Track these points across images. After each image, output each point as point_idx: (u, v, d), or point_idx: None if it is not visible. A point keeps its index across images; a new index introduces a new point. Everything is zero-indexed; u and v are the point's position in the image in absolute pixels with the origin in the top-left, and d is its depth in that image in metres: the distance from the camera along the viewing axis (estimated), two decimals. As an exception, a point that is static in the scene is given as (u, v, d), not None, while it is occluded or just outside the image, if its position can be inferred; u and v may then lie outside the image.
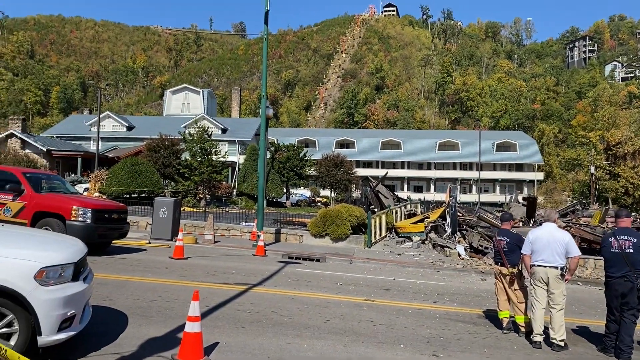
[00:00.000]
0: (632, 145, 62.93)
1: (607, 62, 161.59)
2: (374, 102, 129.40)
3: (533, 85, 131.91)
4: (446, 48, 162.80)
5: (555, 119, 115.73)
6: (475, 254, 18.71)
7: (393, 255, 18.31)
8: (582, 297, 12.67)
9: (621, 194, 61.20)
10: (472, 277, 14.82)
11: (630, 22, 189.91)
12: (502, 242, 8.52)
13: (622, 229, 7.48)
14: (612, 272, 7.33)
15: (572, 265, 7.62)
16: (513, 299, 8.31)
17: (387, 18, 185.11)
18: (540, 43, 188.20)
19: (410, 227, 22.52)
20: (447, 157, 76.50)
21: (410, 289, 12.05)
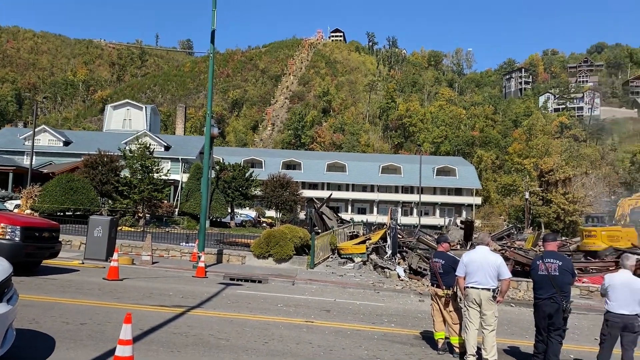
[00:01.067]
0: (563, 173, 66.42)
1: (541, 93, 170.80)
2: (320, 124, 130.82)
3: (472, 113, 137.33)
4: (391, 75, 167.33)
5: (493, 146, 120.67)
6: (414, 275, 19.07)
7: (335, 276, 18.38)
8: (514, 318, 13.12)
9: (553, 219, 64.21)
10: (410, 298, 15.08)
11: (562, 56, 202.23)
12: (438, 264, 8.75)
13: (549, 253, 7.84)
14: (540, 294, 7.66)
15: (503, 287, 7.90)
16: (448, 320, 8.51)
17: (335, 43, 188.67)
18: (479, 73, 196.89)
19: (353, 248, 22.73)
20: (389, 180, 78.03)
21: (350, 310, 12.12)
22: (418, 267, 19.63)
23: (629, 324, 7.18)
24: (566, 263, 7.68)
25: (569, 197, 63.76)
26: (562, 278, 7.52)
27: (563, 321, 7.49)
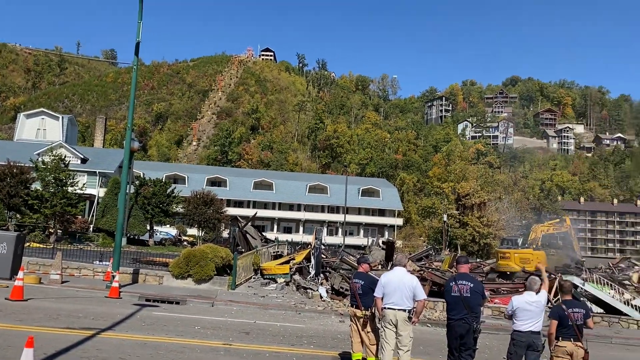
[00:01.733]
0: (478, 197, 69.76)
1: (459, 121, 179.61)
2: (248, 141, 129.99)
3: (396, 137, 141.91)
4: (320, 96, 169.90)
5: (415, 169, 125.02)
6: (336, 295, 19.20)
7: (257, 297, 18.15)
8: (430, 339, 13.51)
9: (469, 241, 67.08)
10: (331, 319, 15.15)
11: (480, 87, 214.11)
12: (358, 284, 8.86)
13: (461, 275, 8.17)
14: (453, 315, 7.93)
15: (418, 308, 8.12)
16: (365, 341, 8.61)
17: (265, 62, 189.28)
18: (403, 99, 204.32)
19: (276, 268, 22.57)
20: (316, 199, 78.62)
21: (270, 331, 11.99)
22: (340, 287, 19.80)
23: (532, 343, 7.60)
24: (477, 285, 8.03)
25: (484, 221, 66.93)
26: (473, 299, 7.84)
27: (473, 341, 7.80)
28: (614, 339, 17.49)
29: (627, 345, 16.55)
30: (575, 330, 7.61)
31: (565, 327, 7.63)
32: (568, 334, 7.61)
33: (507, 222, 74.64)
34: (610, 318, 21.95)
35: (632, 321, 21.77)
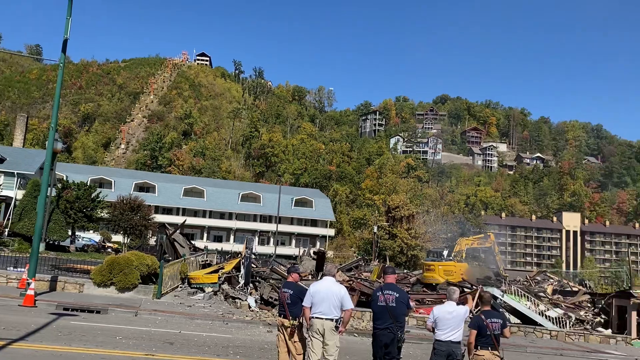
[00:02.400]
0: (407, 210, 71.72)
1: (392, 135, 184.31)
2: (180, 147, 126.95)
3: (331, 149, 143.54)
4: (255, 104, 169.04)
5: (348, 181, 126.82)
6: (265, 305, 19.07)
7: (183, 306, 17.69)
8: (356, 348, 13.68)
9: (397, 252, 68.70)
10: (259, 329, 15.02)
11: (412, 104, 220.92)
12: (286, 294, 8.84)
13: (388, 285, 8.35)
14: (378, 324, 8.08)
15: (345, 318, 8.21)
16: (292, 351, 8.59)
17: (200, 66, 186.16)
18: (339, 111, 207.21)
19: (204, 277, 22.12)
20: (248, 208, 77.88)
21: (196, 342, 11.71)
22: (270, 297, 19.69)
23: (452, 352, 7.88)
24: (403, 295, 8.23)
25: (412, 233, 68.83)
26: (398, 309, 8.03)
27: (397, 350, 7.98)
28: (528, 348, 18.46)
29: (540, 354, 17.50)
30: (493, 340, 7.96)
31: (483, 337, 7.96)
32: (486, 343, 7.95)
33: (434, 235, 77.17)
34: (526, 328, 23.17)
35: (545, 331, 23.09)
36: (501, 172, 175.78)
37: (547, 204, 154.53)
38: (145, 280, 19.62)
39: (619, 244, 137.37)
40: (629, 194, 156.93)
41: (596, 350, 20.03)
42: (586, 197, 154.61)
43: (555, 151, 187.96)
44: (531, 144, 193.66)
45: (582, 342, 22.28)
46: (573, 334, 23.27)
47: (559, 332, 23.04)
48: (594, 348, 20.67)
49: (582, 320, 26.91)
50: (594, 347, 20.91)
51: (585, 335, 23.27)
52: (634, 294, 25.45)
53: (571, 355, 17.91)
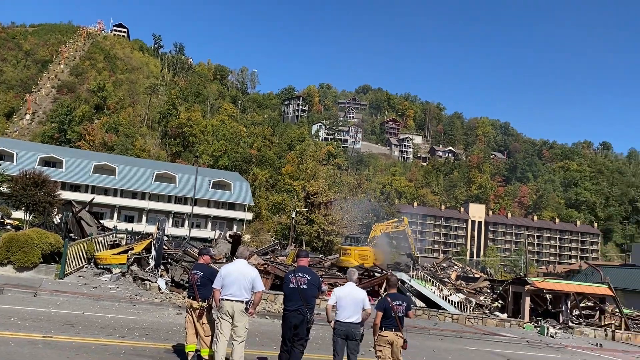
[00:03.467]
0: (326, 196, 72.61)
1: (314, 122, 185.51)
2: (91, 121, 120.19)
3: (252, 132, 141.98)
4: (175, 81, 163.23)
5: (268, 165, 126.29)
6: (176, 288, 18.68)
7: (88, 287, 16.92)
8: (267, 330, 13.77)
9: (314, 237, 69.51)
10: (168, 311, 14.70)
11: (335, 91, 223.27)
12: (196, 276, 8.72)
13: (300, 268, 8.45)
14: (289, 306, 8.17)
15: (256, 300, 8.24)
16: (200, 333, 8.51)
17: (117, 38, 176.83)
18: (262, 94, 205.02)
19: (112, 258, 21.26)
20: (163, 189, 75.50)
21: (99, 324, 11.26)
22: (181, 279, 19.31)
23: (351, 332, 8.12)
24: (314, 278, 8.38)
25: (329, 219, 69.85)
26: (309, 291, 8.16)
27: (306, 331, 8.12)
28: (431, 330, 19.45)
29: (442, 336, 18.51)
30: (397, 321, 8.30)
31: (388, 318, 8.28)
32: (390, 324, 8.27)
33: (350, 221, 78.81)
34: (430, 311, 24.39)
35: (447, 315, 24.42)
36: (415, 163, 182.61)
37: (455, 195, 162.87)
38: (48, 259, 18.55)
39: (519, 235, 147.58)
40: (530, 188, 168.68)
41: (492, 332, 21.48)
42: (491, 190, 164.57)
43: (466, 145, 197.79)
44: (444, 138, 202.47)
45: (481, 325, 23.80)
46: (473, 317, 24.78)
47: (460, 316, 24.45)
48: (490, 331, 22.16)
49: (481, 304, 28.73)
50: (490, 330, 22.42)
51: (484, 318, 24.86)
52: (528, 281, 27.47)
53: (469, 338, 19.07)
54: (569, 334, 24.32)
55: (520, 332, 23.20)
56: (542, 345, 19.56)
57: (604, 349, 20.63)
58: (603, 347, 21.21)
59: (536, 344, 19.68)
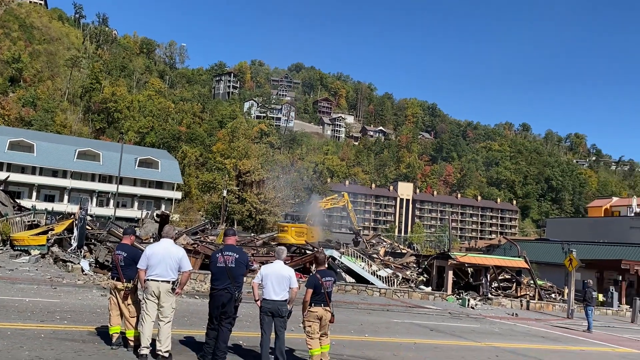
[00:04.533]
0: (258, 175, 72.17)
1: (246, 99, 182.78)
2: (6, 95, 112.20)
3: (181, 108, 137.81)
4: (98, 54, 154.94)
5: (199, 143, 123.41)
6: (100, 269, 18.05)
7: (3, 270, 16.00)
8: (196, 310, 13.62)
9: (246, 216, 69.12)
10: (92, 293, 14.21)
11: (267, 69, 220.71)
12: (120, 256, 8.45)
13: (227, 246, 8.37)
14: (217, 285, 8.10)
15: (182, 280, 8.10)
16: (125, 314, 8.29)
17: (33, 6, 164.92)
18: (191, 70, 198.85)
19: (30, 239, 20.19)
20: (86, 167, 72.14)
21: (16, 307, 10.70)
22: (105, 260, 18.66)
23: (278, 310, 8.20)
24: (242, 256, 8.34)
25: (261, 198, 69.62)
26: (237, 270, 8.13)
27: (234, 309, 8.11)
28: (360, 305, 20.00)
29: (370, 310, 19.07)
30: (326, 297, 8.45)
31: (318, 295, 8.42)
32: (320, 300, 8.42)
33: (283, 200, 78.92)
34: (359, 287, 25.03)
35: (376, 289, 25.17)
36: (347, 142, 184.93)
37: (385, 174, 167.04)
38: (-44, 242, 17.32)
39: (444, 212, 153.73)
40: (455, 167, 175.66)
41: (417, 305, 22.40)
42: (419, 169, 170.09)
43: (396, 125, 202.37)
44: (375, 118, 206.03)
45: (407, 299, 24.74)
46: (399, 291, 25.70)
47: (387, 290, 25.29)
48: (415, 303, 23.09)
49: (407, 279, 29.83)
50: (415, 303, 23.36)
51: (410, 292, 25.85)
52: (451, 256, 28.78)
53: (396, 311, 19.79)
54: (488, 305, 25.78)
55: (443, 304, 24.32)
56: (463, 316, 20.64)
57: (519, 318, 22.07)
58: (518, 317, 22.68)
59: (458, 315, 20.73)
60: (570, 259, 24.64)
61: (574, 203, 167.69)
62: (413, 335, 13.80)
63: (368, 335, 13.02)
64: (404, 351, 11.34)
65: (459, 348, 12.74)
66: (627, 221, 58.49)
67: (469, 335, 15.09)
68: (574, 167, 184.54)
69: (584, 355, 13.92)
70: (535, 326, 19.84)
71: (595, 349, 15.34)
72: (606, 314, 28.58)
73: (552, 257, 40.21)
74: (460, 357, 11.37)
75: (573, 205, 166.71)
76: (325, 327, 8.45)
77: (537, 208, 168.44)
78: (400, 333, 14.06)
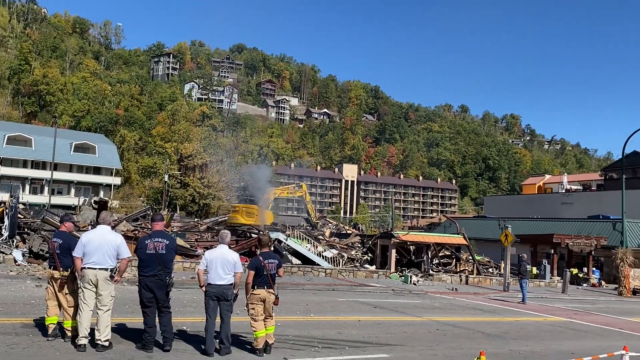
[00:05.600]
0: (200, 159, 70.91)
1: (187, 81, 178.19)
2: None
3: (118, 91, 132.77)
4: (26, 33, 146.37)
5: (137, 127, 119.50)
6: (35, 259, 17.31)
7: None
8: (134, 297, 13.29)
9: (189, 201, 67.93)
10: (26, 284, 13.61)
11: (208, 50, 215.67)
12: (56, 244, 8.14)
13: (157, 232, 8.21)
14: (146, 272, 7.91)
15: (122, 267, 7.91)
16: (63, 304, 8.02)
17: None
18: (128, 50, 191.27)
19: (-44, 230, 19.04)
20: (17, 153, 68.50)
21: (-59, 303, 10.11)
22: (40, 250, 17.91)
23: (223, 293, 8.17)
24: (172, 242, 8.26)
25: (205, 182, 68.55)
26: (167, 256, 8.04)
27: (166, 295, 8.02)
28: (306, 286, 20.19)
29: (315, 290, 19.30)
30: (269, 279, 8.47)
31: (261, 277, 8.42)
32: (263, 282, 8.42)
33: (227, 184, 78.03)
34: (305, 268, 25.25)
35: (321, 270, 25.47)
36: (292, 125, 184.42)
37: (330, 156, 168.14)
38: None
39: (387, 192, 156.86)
40: (397, 149, 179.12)
41: (362, 284, 22.85)
42: (363, 150, 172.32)
43: (340, 108, 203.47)
44: (319, 100, 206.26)
45: (352, 278, 25.18)
46: (344, 271, 26.11)
47: (333, 270, 25.64)
48: (360, 282, 23.55)
49: (352, 258, 30.36)
50: (360, 281, 23.83)
51: (354, 271, 26.32)
52: (394, 234, 29.48)
53: (341, 290, 20.12)
54: (429, 280, 26.65)
55: (387, 281, 24.93)
56: (406, 292, 21.25)
57: (458, 293, 22.95)
58: (458, 291, 23.58)
59: (400, 291, 21.32)
60: (506, 234, 25.77)
61: (510, 181, 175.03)
62: (357, 313, 14.09)
63: (313, 315, 13.18)
64: (348, 329, 11.56)
65: (401, 323, 13.13)
66: (558, 197, 61.75)
67: (411, 311, 15.57)
68: (509, 147, 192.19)
69: (518, 325, 14.68)
70: (474, 300, 20.70)
71: (529, 319, 16.20)
72: (539, 285, 30.18)
73: (489, 234, 41.94)
74: (402, 332, 11.72)
75: (509, 183, 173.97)
76: (270, 309, 8.49)
77: (475, 187, 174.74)
78: (345, 311, 14.32)
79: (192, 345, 8.48)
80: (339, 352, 9.18)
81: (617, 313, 19.34)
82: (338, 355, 8.87)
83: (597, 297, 26.80)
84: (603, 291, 30.70)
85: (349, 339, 10.42)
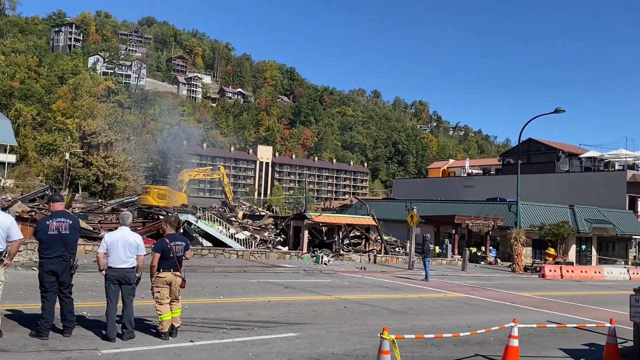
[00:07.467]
0: (105, 137, 67.30)
1: (91, 54, 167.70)
2: None
3: (13, 61, 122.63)
4: None
5: (35, 101, 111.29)
6: None
7: None
8: (33, 282, 12.38)
9: (92, 181, 64.44)
10: None
11: (115, 21, 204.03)
12: None
13: (58, 212, 7.74)
14: (49, 254, 7.46)
15: (12, 250, 7.36)
16: (-58, 292, 7.32)
17: None
18: (25, 18, 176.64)
19: None
20: None
21: None
22: None
23: (125, 277, 7.88)
24: (75, 222, 7.84)
25: (110, 161, 65.29)
26: (71, 236, 7.66)
27: (69, 277, 7.65)
28: (216, 268, 19.91)
29: (226, 272, 19.11)
30: (175, 262, 8.24)
31: (166, 259, 8.17)
32: (168, 265, 8.19)
33: (134, 164, 74.86)
34: (215, 250, 24.87)
35: (233, 252, 25.23)
36: (205, 103, 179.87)
37: (245, 137, 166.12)
38: None
39: (302, 175, 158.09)
40: (312, 131, 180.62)
41: (274, 265, 22.94)
42: (278, 132, 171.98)
43: (255, 88, 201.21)
44: (234, 79, 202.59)
45: (264, 259, 25.19)
46: (257, 252, 26.06)
47: (245, 252, 25.49)
48: (272, 263, 23.62)
49: (265, 240, 30.34)
50: (272, 263, 23.90)
51: (267, 253, 26.34)
52: (307, 216, 29.78)
53: (252, 271, 20.07)
54: (339, 260, 27.28)
55: (299, 262, 25.21)
56: (317, 272, 21.62)
57: (367, 272, 23.71)
58: (366, 270, 24.36)
59: (311, 271, 21.65)
60: (411, 215, 26.89)
61: (417, 165, 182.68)
62: (268, 294, 14.14)
63: (223, 297, 13.05)
64: (257, 309, 11.57)
65: (311, 302, 13.34)
66: (460, 181, 65.32)
67: (321, 290, 15.86)
68: (417, 132, 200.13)
69: (421, 301, 15.43)
70: (381, 278, 21.48)
71: (431, 295, 17.08)
72: (441, 264, 31.90)
73: (397, 214, 43.55)
74: (312, 311, 11.92)
75: (416, 167, 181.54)
76: (176, 292, 8.29)
77: (386, 170, 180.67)
78: (255, 292, 14.31)
79: (91, 331, 8.09)
80: (247, 332, 9.17)
81: (510, 288, 20.89)
82: (246, 336, 8.85)
83: (493, 274, 28.78)
84: (498, 268, 33.02)
85: (258, 319, 10.43)
